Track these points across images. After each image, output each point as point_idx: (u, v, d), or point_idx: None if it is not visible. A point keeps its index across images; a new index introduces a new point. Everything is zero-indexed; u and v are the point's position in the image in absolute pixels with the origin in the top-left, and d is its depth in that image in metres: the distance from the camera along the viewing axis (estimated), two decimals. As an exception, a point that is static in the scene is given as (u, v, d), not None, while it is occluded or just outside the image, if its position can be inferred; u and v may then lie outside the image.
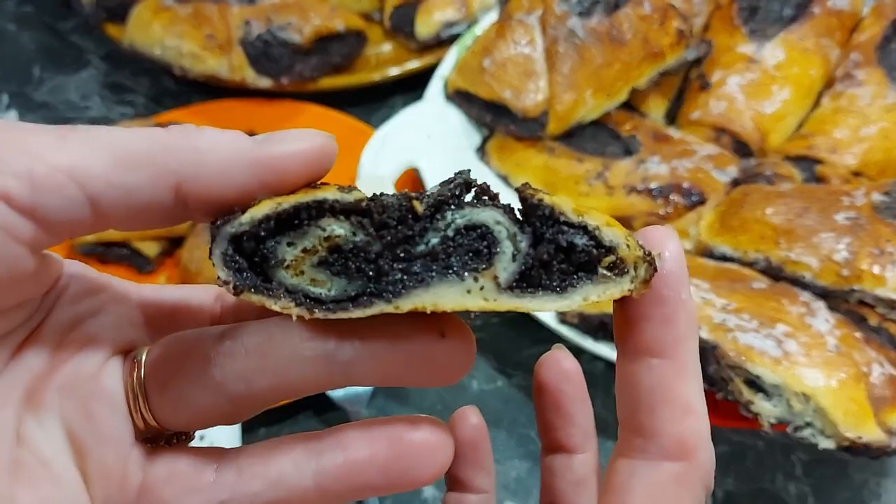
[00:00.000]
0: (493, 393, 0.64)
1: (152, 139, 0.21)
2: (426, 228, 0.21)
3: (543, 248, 0.21)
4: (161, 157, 0.21)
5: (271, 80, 0.81)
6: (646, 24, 0.70)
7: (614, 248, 0.21)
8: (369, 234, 0.21)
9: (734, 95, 0.71)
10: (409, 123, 0.70)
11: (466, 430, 0.31)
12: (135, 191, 0.21)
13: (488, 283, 0.21)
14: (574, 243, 0.21)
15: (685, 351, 0.22)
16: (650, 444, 0.23)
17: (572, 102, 0.69)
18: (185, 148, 0.21)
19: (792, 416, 0.49)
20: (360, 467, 0.24)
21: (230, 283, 0.22)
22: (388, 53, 0.90)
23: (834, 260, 0.56)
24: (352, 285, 0.22)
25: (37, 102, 0.88)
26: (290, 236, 0.22)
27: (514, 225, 0.21)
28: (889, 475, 0.60)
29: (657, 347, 0.22)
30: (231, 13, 0.81)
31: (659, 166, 0.66)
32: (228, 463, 0.26)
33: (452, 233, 0.21)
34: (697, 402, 0.23)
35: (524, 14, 0.73)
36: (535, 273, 0.21)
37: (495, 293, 0.21)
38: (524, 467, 0.60)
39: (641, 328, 0.22)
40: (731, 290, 0.55)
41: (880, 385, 0.49)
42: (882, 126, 0.67)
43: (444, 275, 0.21)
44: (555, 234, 0.21)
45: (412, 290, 0.21)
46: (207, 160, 0.21)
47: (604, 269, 0.21)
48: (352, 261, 0.22)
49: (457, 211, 0.21)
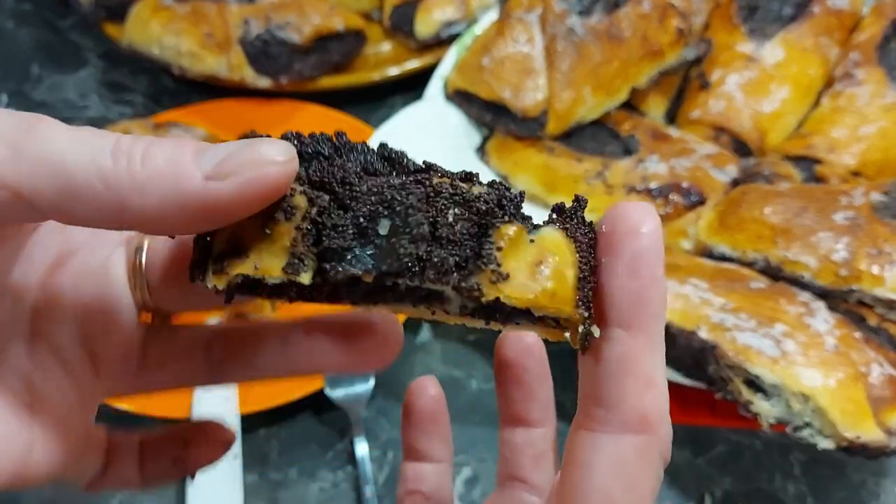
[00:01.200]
0: (491, 392, 0.64)
1: (96, 168, 0.20)
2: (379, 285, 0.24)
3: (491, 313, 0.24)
4: (102, 194, 0.20)
5: (270, 80, 0.81)
6: (645, 22, 0.70)
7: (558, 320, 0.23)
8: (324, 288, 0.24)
9: (733, 94, 0.71)
10: (408, 123, 0.70)
11: (425, 401, 0.34)
12: (79, 216, 0.21)
13: (439, 311, 0.24)
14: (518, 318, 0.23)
15: (654, 326, 0.22)
16: (611, 415, 0.22)
17: (571, 101, 0.69)
18: (126, 184, 0.20)
19: (791, 416, 0.49)
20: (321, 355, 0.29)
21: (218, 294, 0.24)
22: (387, 53, 0.89)
23: (832, 260, 0.56)
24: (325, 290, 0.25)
25: (35, 101, 0.88)
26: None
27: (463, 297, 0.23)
28: (887, 475, 0.60)
29: (627, 320, 0.22)
30: (230, 12, 0.81)
31: (658, 165, 0.66)
32: (218, 343, 0.30)
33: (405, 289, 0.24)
34: (659, 377, 0.23)
35: (524, 12, 0.73)
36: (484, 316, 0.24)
37: (446, 316, 0.24)
38: (523, 467, 0.60)
39: (608, 300, 0.22)
40: (729, 290, 0.55)
41: (879, 385, 0.49)
42: (881, 125, 0.67)
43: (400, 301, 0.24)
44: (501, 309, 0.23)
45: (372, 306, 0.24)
46: (147, 203, 0.21)
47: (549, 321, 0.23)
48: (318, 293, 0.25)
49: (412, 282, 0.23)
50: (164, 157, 0.21)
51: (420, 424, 0.34)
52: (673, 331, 0.53)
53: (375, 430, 0.61)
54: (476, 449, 0.61)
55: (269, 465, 0.59)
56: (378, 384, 0.62)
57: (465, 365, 0.66)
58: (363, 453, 0.58)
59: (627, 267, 0.22)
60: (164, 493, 0.57)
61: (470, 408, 0.63)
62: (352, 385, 0.60)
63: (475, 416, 0.63)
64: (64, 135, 0.21)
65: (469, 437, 0.62)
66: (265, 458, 0.59)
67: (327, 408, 0.60)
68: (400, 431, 0.37)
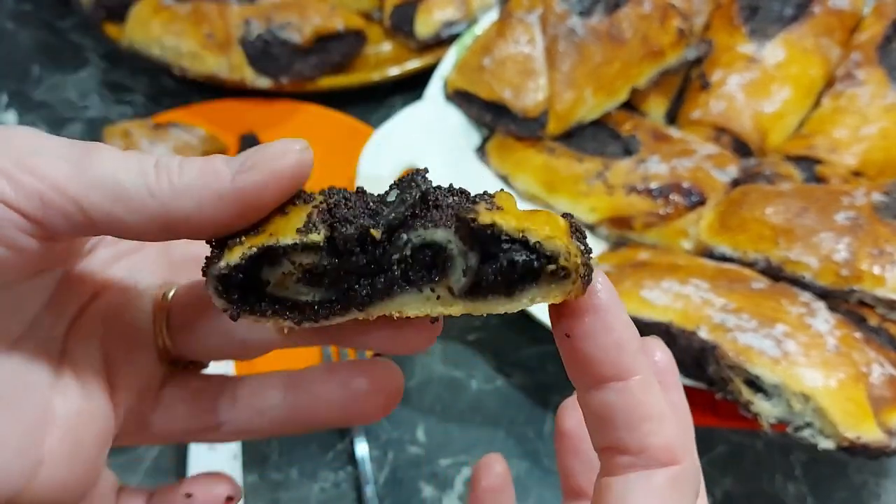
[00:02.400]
0: (491, 392, 0.64)
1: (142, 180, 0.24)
2: (385, 249, 0.24)
3: (490, 265, 0.23)
4: (149, 203, 0.24)
5: (271, 80, 0.81)
6: (646, 22, 0.70)
7: (556, 258, 0.23)
8: (333, 260, 0.24)
9: (734, 95, 0.71)
10: (408, 123, 0.70)
11: (491, 479, 0.34)
12: (127, 226, 0.24)
13: (444, 292, 0.24)
14: (516, 260, 0.23)
15: (641, 364, 0.24)
16: (639, 458, 0.23)
17: (572, 101, 0.69)
18: (167, 194, 0.24)
19: (792, 417, 0.49)
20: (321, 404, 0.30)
21: (227, 311, 0.25)
22: (387, 53, 0.89)
23: (833, 260, 0.56)
24: (329, 293, 0.25)
25: (35, 101, 0.88)
26: (269, 265, 0.25)
27: (464, 244, 0.23)
28: (888, 476, 0.60)
29: (615, 372, 0.23)
30: (230, 12, 0.81)
31: (659, 166, 0.66)
32: (227, 393, 0.31)
33: (409, 251, 0.24)
34: (665, 407, 0.24)
35: (524, 13, 0.72)
36: (485, 282, 0.23)
37: (451, 300, 0.24)
38: (523, 466, 0.60)
39: (597, 360, 0.24)
40: (730, 290, 0.55)
41: (880, 385, 0.49)
42: (882, 126, 0.67)
43: (404, 288, 0.24)
44: (500, 250, 0.23)
45: (378, 302, 0.25)
46: (185, 206, 0.24)
47: (548, 275, 0.23)
48: (326, 276, 0.24)
49: (412, 232, 0.23)
50: (197, 165, 0.24)
51: (486, 501, 0.34)
52: (673, 331, 0.53)
53: (375, 430, 0.61)
54: (477, 449, 0.61)
55: (269, 465, 0.59)
56: (378, 384, 0.62)
57: (466, 365, 0.66)
58: (363, 453, 0.58)
59: (599, 325, 0.23)
60: (164, 494, 0.57)
61: (470, 408, 0.63)
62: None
63: (476, 416, 0.63)
64: (116, 156, 0.24)
65: (469, 438, 0.62)
66: (265, 458, 0.59)
67: (327, 408, 0.60)
68: (408, 442, 0.37)
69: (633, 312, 0.55)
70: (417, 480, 0.59)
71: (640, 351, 0.24)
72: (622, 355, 0.23)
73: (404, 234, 0.24)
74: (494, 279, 0.23)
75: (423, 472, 0.60)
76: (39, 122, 0.86)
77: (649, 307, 0.55)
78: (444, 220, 0.24)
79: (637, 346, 0.24)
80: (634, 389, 0.23)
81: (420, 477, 0.59)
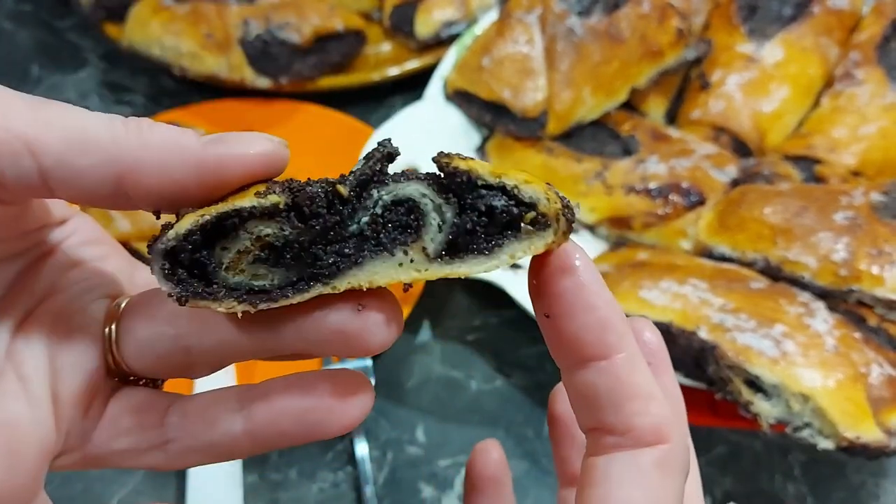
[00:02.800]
0: (491, 393, 0.64)
1: (108, 128, 0.23)
2: (354, 209, 0.22)
3: (468, 216, 0.22)
4: (109, 148, 0.22)
5: (270, 80, 0.81)
6: (644, 22, 0.70)
7: (535, 203, 0.21)
8: (297, 227, 0.22)
9: (733, 95, 0.71)
10: (408, 123, 0.70)
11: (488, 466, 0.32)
12: (80, 173, 0.23)
13: (418, 255, 0.22)
14: (495, 206, 0.21)
15: (628, 343, 0.23)
16: (625, 438, 0.23)
17: (571, 101, 0.69)
18: (134, 143, 0.23)
19: (791, 417, 0.49)
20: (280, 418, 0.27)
21: (173, 295, 0.23)
22: (387, 53, 0.89)
23: (832, 260, 0.56)
24: (291, 272, 0.23)
25: (35, 101, 0.88)
26: (223, 242, 0.23)
27: (438, 196, 0.22)
28: (887, 476, 0.60)
29: (598, 351, 0.23)
30: (230, 12, 0.81)
31: (658, 166, 0.66)
32: (177, 407, 0.28)
33: (380, 210, 0.22)
34: (654, 387, 0.23)
35: (524, 13, 0.72)
36: (462, 239, 0.22)
37: (426, 263, 0.22)
38: (522, 467, 0.60)
39: (579, 339, 0.23)
40: (729, 290, 0.55)
41: (879, 385, 0.49)
42: (881, 125, 0.67)
43: (375, 252, 0.22)
44: (476, 198, 0.22)
45: (347, 271, 0.22)
46: (150, 157, 0.23)
47: (527, 225, 0.22)
48: (287, 252, 0.23)
49: (382, 188, 0.22)
50: (169, 127, 0.23)
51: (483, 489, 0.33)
52: (673, 331, 0.53)
53: (375, 430, 0.61)
54: (476, 449, 0.61)
55: (269, 465, 0.59)
56: (378, 385, 0.62)
57: (465, 365, 0.66)
58: (363, 453, 0.58)
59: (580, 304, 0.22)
60: (164, 494, 0.57)
61: (470, 408, 0.63)
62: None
63: (475, 416, 0.63)
64: (81, 109, 0.23)
65: (469, 438, 0.62)
66: (265, 458, 0.59)
67: (327, 408, 0.60)
68: (408, 442, 0.36)
69: (633, 313, 0.55)
70: (417, 480, 0.59)
71: (625, 329, 0.23)
72: (605, 334, 0.22)
73: (374, 191, 0.22)
74: (472, 233, 0.22)
75: (423, 472, 0.60)
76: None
77: (648, 307, 0.55)
78: (417, 174, 0.22)
79: (622, 324, 0.23)
80: (619, 368, 0.23)
81: (419, 477, 0.59)
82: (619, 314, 0.23)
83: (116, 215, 0.65)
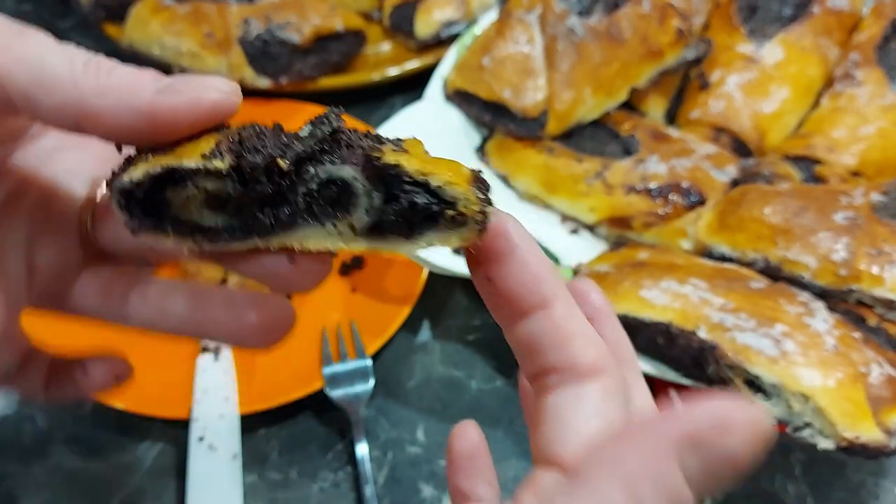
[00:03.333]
0: (491, 392, 0.64)
1: (69, 70, 0.25)
2: (293, 181, 0.24)
3: (394, 206, 0.24)
4: (70, 91, 0.24)
5: (270, 80, 0.81)
6: (645, 22, 0.70)
7: (454, 203, 0.23)
8: (238, 188, 0.24)
9: (733, 95, 0.71)
10: (408, 123, 0.70)
11: (465, 444, 0.34)
12: (42, 110, 0.25)
13: (346, 229, 0.25)
14: (417, 202, 0.24)
15: (562, 291, 0.25)
16: (567, 375, 0.24)
17: (572, 101, 0.69)
18: (92, 87, 0.24)
19: (791, 417, 0.49)
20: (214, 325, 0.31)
21: (127, 226, 0.26)
22: (387, 53, 0.90)
23: (832, 260, 0.56)
24: (234, 221, 0.25)
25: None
26: (173, 186, 0.25)
27: (369, 183, 0.24)
28: (887, 476, 0.60)
29: (537, 301, 0.25)
30: (230, 12, 0.81)
31: (658, 166, 0.66)
32: (138, 289, 0.32)
33: (315, 186, 0.24)
34: (590, 329, 0.25)
35: (524, 12, 0.73)
36: (386, 222, 0.24)
37: (352, 238, 0.25)
38: (522, 467, 0.60)
39: (518, 294, 0.25)
40: (728, 290, 0.55)
41: (878, 385, 0.49)
42: (880, 126, 0.67)
43: (307, 221, 0.25)
44: (402, 192, 0.24)
45: (280, 233, 0.25)
46: (105, 105, 0.25)
47: (447, 221, 0.24)
48: (230, 203, 0.25)
49: (318, 166, 0.24)
50: (127, 72, 0.25)
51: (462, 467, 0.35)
52: (673, 331, 0.53)
53: (375, 430, 0.61)
54: (476, 449, 0.61)
55: (269, 465, 0.59)
56: (378, 384, 0.62)
57: (465, 365, 0.66)
58: (363, 453, 0.58)
59: (516, 263, 0.25)
60: (164, 494, 0.57)
61: (470, 408, 0.63)
62: (351, 385, 0.60)
63: (475, 416, 0.63)
64: (48, 41, 0.25)
65: (469, 438, 0.62)
66: (265, 458, 0.59)
67: (327, 408, 0.60)
68: (408, 442, 0.37)
69: (633, 312, 0.55)
70: (417, 480, 0.59)
71: (557, 282, 0.25)
72: (541, 286, 0.25)
73: (311, 168, 0.24)
74: (395, 220, 0.24)
75: (423, 472, 0.60)
76: (39, 122, 0.86)
77: (649, 307, 0.55)
78: (353, 158, 0.24)
79: (553, 275, 0.25)
80: (556, 315, 0.25)
81: (419, 477, 0.59)
82: (552, 269, 0.25)
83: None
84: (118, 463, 0.60)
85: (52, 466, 0.59)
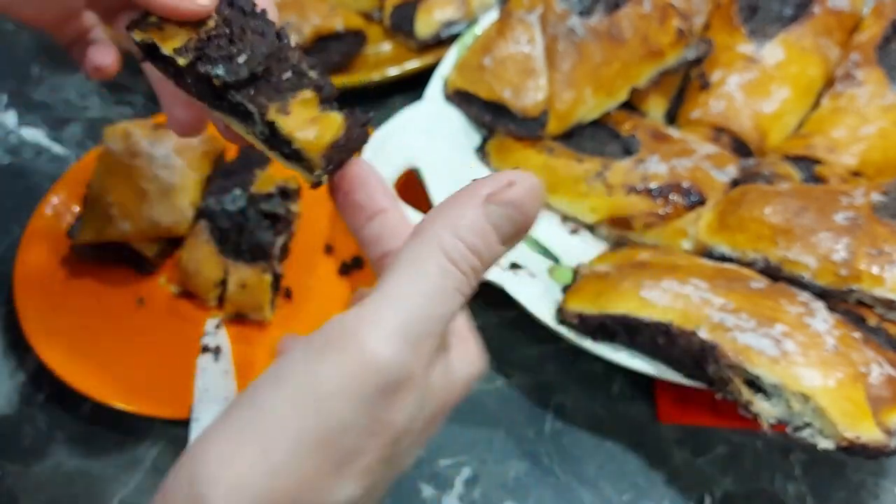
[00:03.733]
0: (491, 393, 0.64)
1: None
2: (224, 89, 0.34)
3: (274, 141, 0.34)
4: None
5: (270, 80, 0.81)
6: (645, 22, 0.70)
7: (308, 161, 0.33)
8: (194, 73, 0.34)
9: (733, 95, 0.71)
10: (408, 123, 0.70)
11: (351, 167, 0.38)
12: None
13: (251, 134, 0.35)
14: (284, 151, 0.34)
15: (395, 203, 0.35)
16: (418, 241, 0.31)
17: (572, 101, 0.69)
18: None
19: (791, 417, 0.49)
20: None
21: (138, 55, 0.35)
22: (387, 53, 0.89)
23: (832, 260, 0.56)
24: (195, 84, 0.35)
25: (35, 102, 0.88)
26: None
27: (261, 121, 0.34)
28: (887, 476, 0.60)
29: (379, 207, 0.35)
30: (230, 12, 0.81)
31: (658, 166, 0.66)
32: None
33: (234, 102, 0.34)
34: (412, 223, 0.32)
35: (525, 12, 0.73)
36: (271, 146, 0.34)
37: (255, 139, 0.35)
38: (522, 467, 0.60)
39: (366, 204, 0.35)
40: (729, 290, 0.55)
41: (878, 385, 0.49)
42: (881, 126, 0.67)
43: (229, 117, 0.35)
44: (278, 137, 0.33)
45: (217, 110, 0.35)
46: None
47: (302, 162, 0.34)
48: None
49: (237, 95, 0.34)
50: None
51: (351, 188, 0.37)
52: (673, 332, 0.53)
53: (375, 430, 0.61)
54: (476, 449, 0.61)
55: (269, 465, 0.59)
56: (378, 384, 0.62)
57: (466, 365, 0.66)
58: (363, 453, 0.58)
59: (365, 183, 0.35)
60: (164, 494, 0.57)
61: (470, 408, 0.63)
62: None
63: (475, 416, 0.63)
64: None
65: (469, 438, 0.62)
66: (265, 458, 0.59)
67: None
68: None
69: (634, 312, 0.55)
70: (417, 480, 0.59)
71: (391, 196, 0.35)
72: (381, 197, 0.35)
73: (232, 93, 0.33)
74: (277, 150, 0.34)
75: (423, 472, 0.60)
76: (39, 123, 0.86)
77: (649, 307, 0.55)
78: (261, 97, 0.33)
79: (389, 193, 0.35)
80: (392, 215, 0.35)
81: (420, 477, 0.59)
82: (388, 189, 0.35)
83: (116, 215, 0.65)
84: (118, 463, 0.60)
85: (52, 466, 0.59)
